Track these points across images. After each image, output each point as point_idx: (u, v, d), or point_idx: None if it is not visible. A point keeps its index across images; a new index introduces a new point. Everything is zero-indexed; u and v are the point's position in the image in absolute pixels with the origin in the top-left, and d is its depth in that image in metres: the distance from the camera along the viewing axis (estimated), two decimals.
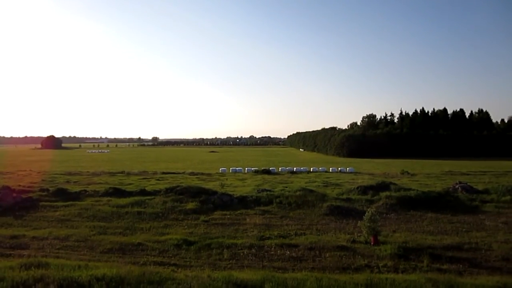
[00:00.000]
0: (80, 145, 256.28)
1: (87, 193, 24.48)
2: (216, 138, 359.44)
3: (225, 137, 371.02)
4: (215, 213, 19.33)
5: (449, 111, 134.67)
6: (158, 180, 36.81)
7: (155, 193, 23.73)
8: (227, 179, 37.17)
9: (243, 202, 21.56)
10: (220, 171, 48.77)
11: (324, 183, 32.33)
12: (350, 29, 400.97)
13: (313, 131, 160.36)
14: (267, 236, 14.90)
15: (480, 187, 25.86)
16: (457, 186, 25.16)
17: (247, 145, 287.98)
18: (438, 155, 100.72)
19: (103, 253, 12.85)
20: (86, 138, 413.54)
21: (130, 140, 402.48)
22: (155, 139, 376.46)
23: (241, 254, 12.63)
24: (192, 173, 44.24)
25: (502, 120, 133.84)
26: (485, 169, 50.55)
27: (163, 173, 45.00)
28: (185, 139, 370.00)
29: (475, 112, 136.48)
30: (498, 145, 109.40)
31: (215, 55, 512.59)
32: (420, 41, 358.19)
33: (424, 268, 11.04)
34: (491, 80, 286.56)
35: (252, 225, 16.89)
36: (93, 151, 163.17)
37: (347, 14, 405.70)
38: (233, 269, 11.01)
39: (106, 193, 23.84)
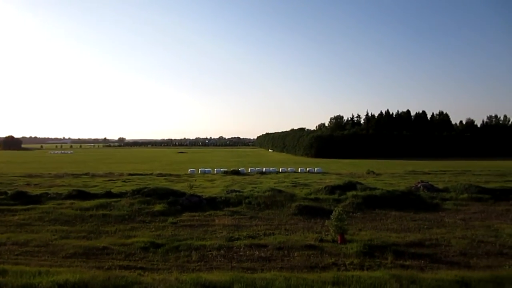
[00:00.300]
0: (41, 146, 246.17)
1: (49, 196, 23.49)
2: (185, 138, 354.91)
3: (194, 137, 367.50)
4: (184, 214, 19.08)
5: (412, 113, 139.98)
6: (124, 181, 35.93)
7: (121, 195, 23.13)
8: (196, 180, 36.83)
9: (212, 203, 21.42)
10: (189, 172, 48.26)
11: (293, 183, 32.70)
12: (317, 30, 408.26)
13: (282, 132, 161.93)
14: (236, 237, 14.87)
15: (440, 186, 26.97)
16: (419, 185, 26.13)
17: (216, 145, 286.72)
18: (402, 155, 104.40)
19: (66, 258, 12.36)
20: (48, 139, 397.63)
21: (95, 141, 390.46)
22: (121, 140, 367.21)
23: (210, 255, 12.53)
24: (160, 174, 43.51)
25: (461, 122, 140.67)
26: (445, 169, 52.84)
27: (130, 174, 43.98)
28: (153, 139, 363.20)
29: (436, 114, 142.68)
30: (457, 145, 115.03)
31: (180, 56, 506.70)
32: (384, 45, 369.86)
33: (389, 265, 11.38)
34: (451, 83, 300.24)
35: (221, 226, 16.81)
36: (56, 152, 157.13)
37: (315, 14, 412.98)
38: (202, 271, 10.90)
39: (69, 196, 22.98)
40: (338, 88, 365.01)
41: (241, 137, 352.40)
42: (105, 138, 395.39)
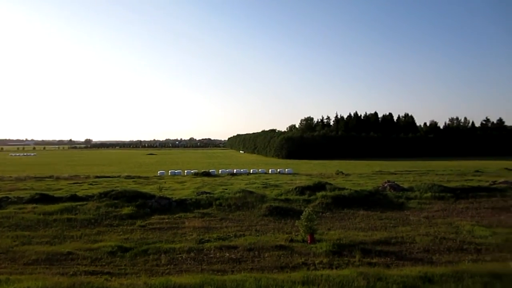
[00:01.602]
0: (1, 148, 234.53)
1: (9, 200, 22.41)
2: (154, 140, 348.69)
3: (164, 139, 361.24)
4: (153, 217, 18.75)
5: (380, 115, 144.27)
6: (91, 184, 34.85)
7: (87, 198, 22.42)
8: (165, 182, 36.26)
9: (182, 205, 21.17)
10: (158, 174, 47.43)
11: (263, 184, 32.82)
12: (288, 32, 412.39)
13: (253, 133, 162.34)
14: (207, 239, 14.76)
15: (405, 185, 27.87)
16: (386, 185, 26.91)
17: (187, 147, 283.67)
18: (370, 155, 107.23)
19: (27, 264, 11.84)
20: (9, 140, 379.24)
21: (60, 142, 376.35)
22: (88, 141, 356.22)
23: (180, 258, 12.37)
24: (128, 177, 42.50)
25: (425, 124, 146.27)
26: (410, 169, 54.67)
27: (97, 177, 42.70)
28: (121, 141, 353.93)
29: (402, 116, 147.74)
30: (421, 146, 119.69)
31: (148, 56, 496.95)
32: (352, 48, 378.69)
33: (356, 263, 11.64)
34: (416, 86, 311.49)
35: (191, 228, 16.63)
36: (17, 154, 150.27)
37: (281, 16, 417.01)
38: (171, 274, 10.74)
39: (32, 200, 22.02)
40: (309, 90, 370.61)
41: (212, 138, 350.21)
42: (70, 140, 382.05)
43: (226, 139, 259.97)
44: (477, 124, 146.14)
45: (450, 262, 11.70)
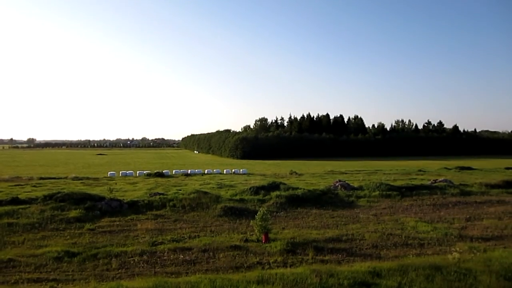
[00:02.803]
0: None
1: None
2: (104, 139, 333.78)
3: (114, 138, 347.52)
4: (103, 220, 18.02)
5: (331, 117, 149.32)
6: (34, 186, 32.75)
7: (30, 201, 21.06)
8: (116, 184, 34.97)
9: (134, 207, 20.55)
10: (108, 175, 45.59)
11: (218, 185, 32.66)
12: (242, 32, 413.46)
13: (208, 134, 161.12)
14: (160, 241, 14.45)
15: (355, 184, 29.00)
16: (337, 184, 27.83)
17: (139, 147, 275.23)
18: (322, 156, 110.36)
19: None
20: None
21: (0, 142, 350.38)
22: (31, 141, 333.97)
23: (132, 262, 12.00)
24: (76, 178, 40.42)
25: (373, 125, 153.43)
26: (360, 168, 56.93)
27: (41, 178, 40.19)
28: (68, 140, 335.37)
29: (352, 118, 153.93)
30: (370, 147, 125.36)
31: (102, 54, 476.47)
32: (303, 51, 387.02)
33: (310, 261, 11.96)
34: (365, 89, 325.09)
35: (144, 230, 16.19)
36: None
37: (240, 19, 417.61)
38: (123, 278, 10.41)
39: None
40: (263, 91, 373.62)
41: (166, 138, 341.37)
42: (11, 139, 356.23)
43: (180, 139, 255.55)
44: (420, 126, 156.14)
45: (396, 256, 12.37)
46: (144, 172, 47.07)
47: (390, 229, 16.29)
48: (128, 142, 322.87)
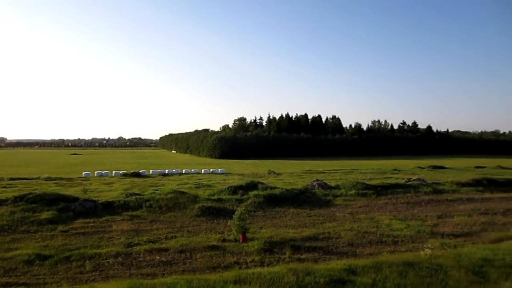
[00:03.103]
0: None
1: None
2: (79, 139, 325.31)
3: (90, 138, 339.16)
4: (77, 221, 17.57)
5: (310, 117, 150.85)
6: (4, 187, 31.60)
7: (0, 202, 20.33)
8: (91, 184, 34.21)
9: (109, 207, 20.15)
10: (83, 175, 44.55)
11: (196, 185, 32.44)
12: (220, 32, 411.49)
13: (186, 133, 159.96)
14: (136, 242, 14.21)
15: (333, 184, 29.38)
16: (314, 183, 28.13)
17: (115, 146, 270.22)
18: (300, 155, 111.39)
19: None
20: None
21: None
22: (1, 140, 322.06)
23: (106, 264, 11.76)
24: (49, 178, 39.25)
25: (350, 126, 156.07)
26: (337, 168, 57.76)
27: (12, 179, 38.81)
28: (41, 140, 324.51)
29: (330, 118, 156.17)
30: (347, 146, 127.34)
31: (75, 51, 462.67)
32: (282, 52, 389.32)
33: (287, 259, 12.04)
34: (343, 89, 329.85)
35: (119, 232, 15.89)
36: None
37: (217, 18, 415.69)
38: (97, 281, 10.18)
39: None
40: (242, 91, 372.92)
41: (143, 138, 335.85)
42: None
43: (158, 138, 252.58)
44: (395, 127, 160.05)
45: (371, 254, 12.61)
46: (120, 172, 46.24)
47: (366, 227, 16.60)
48: (104, 142, 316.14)
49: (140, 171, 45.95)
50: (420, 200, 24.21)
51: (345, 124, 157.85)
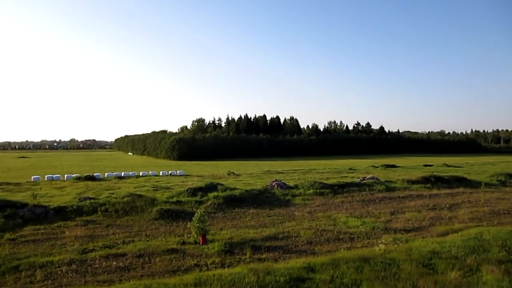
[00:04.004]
0: None
1: None
2: (27, 141, 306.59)
3: (39, 140, 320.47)
4: (25, 228, 16.61)
5: (268, 118, 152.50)
6: None
7: None
8: (41, 189, 32.39)
9: (61, 213, 19.23)
10: (32, 180, 42.06)
11: (154, 187, 31.72)
12: (176, 33, 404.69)
13: (143, 134, 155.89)
14: (91, 248, 13.67)
15: (291, 184, 29.89)
16: (273, 184, 28.47)
17: (67, 149, 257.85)
18: (259, 156, 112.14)
19: None
20: None
21: None
22: None
23: (59, 272, 11.21)
24: None
25: (308, 126, 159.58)
26: (295, 168, 58.75)
27: None
28: None
29: (288, 119, 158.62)
30: (305, 147, 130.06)
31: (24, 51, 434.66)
32: (237, 50, 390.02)
33: (247, 260, 12.11)
34: (300, 91, 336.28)
35: (73, 238, 15.22)
36: None
37: (171, 18, 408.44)
38: None
39: None
40: (200, 91, 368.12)
41: (97, 140, 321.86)
42: None
43: (113, 140, 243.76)
44: (350, 127, 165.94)
45: (329, 251, 12.99)
46: (73, 175, 44.16)
47: (324, 225, 17.06)
48: (55, 144, 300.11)
49: (94, 174, 44.17)
50: (374, 197, 25.24)
51: (303, 125, 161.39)
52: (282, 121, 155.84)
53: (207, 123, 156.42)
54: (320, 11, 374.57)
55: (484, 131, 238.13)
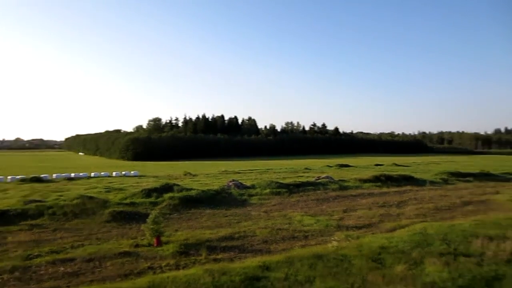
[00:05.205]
0: None
1: None
2: None
3: None
4: None
5: (226, 118, 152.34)
6: None
7: None
8: None
9: (4, 217, 18.01)
10: None
11: (106, 189, 30.55)
12: (130, 25, 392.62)
13: (96, 134, 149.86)
14: (36, 254, 12.91)
15: (248, 183, 30.02)
16: (230, 184, 28.46)
17: (11, 149, 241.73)
18: (216, 156, 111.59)
19: None
20: None
21: None
22: None
23: (0, 280, 10.50)
24: None
25: (265, 127, 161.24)
26: (253, 168, 59.06)
27: None
28: None
29: (246, 120, 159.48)
30: (262, 147, 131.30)
31: None
32: (192, 49, 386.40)
33: (203, 261, 12.00)
34: (258, 92, 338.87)
35: (16, 243, 14.30)
36: None
37: (122, 14, 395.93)
38: None
39: None
40: (157, 90, 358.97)
41: (45, 139, 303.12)
42: None
43: (63, 139, 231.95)
44: (307, 128, 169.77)
45: (284, 249, 13.19)
46: (18, 177, 41.48)
47: (279, 224, 17.30)
48: None
49: (41, 176, 41.75)
50: (328, 196, 25.98)
51: (260, 125, 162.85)
52: (240, 121, 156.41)
53: (164, 123, 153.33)
54: (276, 10, 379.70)
55: (429, 132, 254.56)
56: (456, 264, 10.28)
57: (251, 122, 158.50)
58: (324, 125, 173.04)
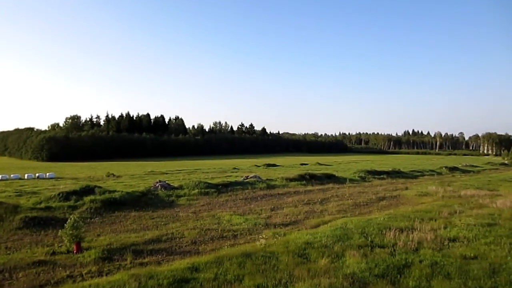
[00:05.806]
0: None
1: None
2: None
3: None
4: None
5: (152, 117, 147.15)
6: None
7: None
8: None
9: None
10: None
11: (17, 192, 27.74)
12: (51, 18, 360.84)
13: (4, 132, 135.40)
14: None
15: (176, 184, 29.40)
16: (157, 185, 27.62)
17: None
18: (142, 156, 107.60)
19: None
20: None
21: None
22: None
23: None
24: None
25: (193, 126, 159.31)
26: (180, 168, 57.96)
27: None
28: None
29: (173, 119, 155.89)
30: (190, 147, 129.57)
31: None
32: (124, 49, 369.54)
33: (128, 266, 11.50)
34: (186, 91, 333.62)
35: None
36: None
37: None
38: None
39: None
40: (75, 85, 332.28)
41: None
42: None
43: None
44: (235, 128, 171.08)
45: (213, 250, 13.17)
46: None
47: (208, 225, 17.23)
48: None
49: None
50: (256, 195, 26.50)
51: (188, 125, 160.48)
52: (167, 120, 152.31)
53: (84, 121, 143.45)
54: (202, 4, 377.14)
55: (349, 133, 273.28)
56: (373, 255, 11.17)
57: (179, 122, 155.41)
58: (251, 125, 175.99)
